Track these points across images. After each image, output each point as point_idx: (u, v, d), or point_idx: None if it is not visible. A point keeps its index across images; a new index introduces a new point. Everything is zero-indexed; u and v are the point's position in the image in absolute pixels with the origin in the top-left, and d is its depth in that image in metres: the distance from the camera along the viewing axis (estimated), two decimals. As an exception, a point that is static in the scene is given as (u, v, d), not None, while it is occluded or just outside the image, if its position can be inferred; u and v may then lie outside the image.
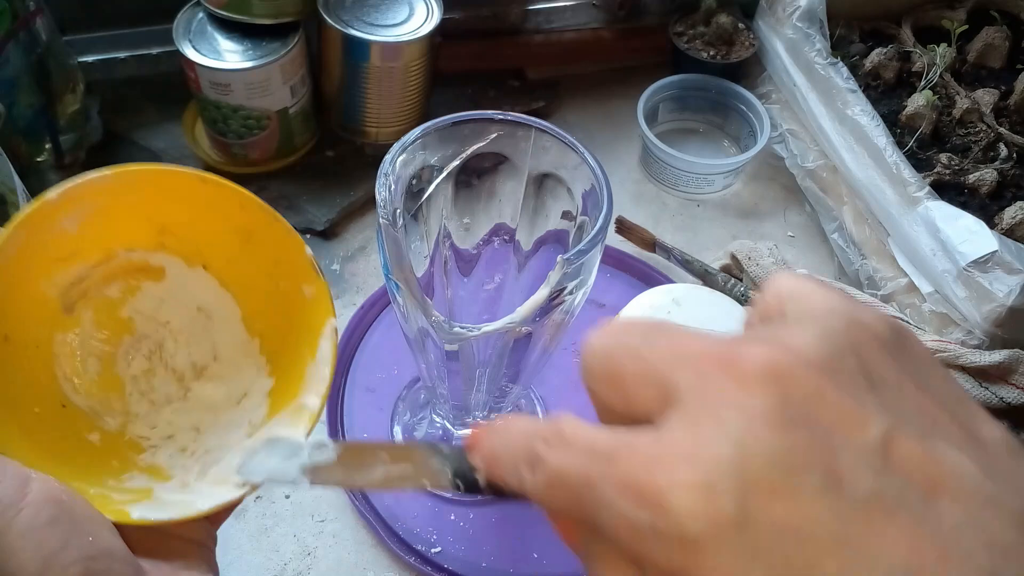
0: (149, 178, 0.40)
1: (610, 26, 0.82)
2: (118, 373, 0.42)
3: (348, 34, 0.64)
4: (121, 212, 0.40)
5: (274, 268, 0.41)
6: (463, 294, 0.50)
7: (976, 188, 0.63)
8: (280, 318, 0.42)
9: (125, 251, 0.41)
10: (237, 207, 0.40)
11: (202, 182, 0.40)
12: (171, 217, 0.41)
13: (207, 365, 0.43)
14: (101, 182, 0.38)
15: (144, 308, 0.43)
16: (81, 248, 0.40)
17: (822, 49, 0.68)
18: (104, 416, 0.40)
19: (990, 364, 0.57)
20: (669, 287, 0.56)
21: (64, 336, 0.40)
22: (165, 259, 0.43)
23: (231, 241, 0.42)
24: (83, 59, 0.70)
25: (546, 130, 0.43)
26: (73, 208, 0.38)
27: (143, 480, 0.38)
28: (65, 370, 0.40)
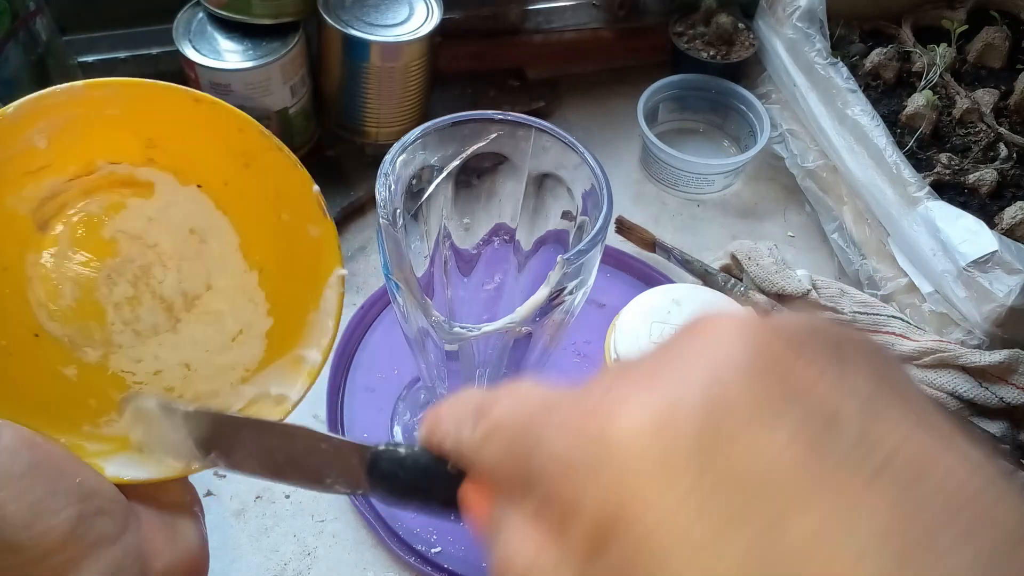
0: (131, 92, 0.34)
1: (610, 26, 0.82)
2: (99, 299, 0.38)
3: (348, 34, 0.64)
4: (100, 124, 0.35)
5: (275, 198, 0.38)
6: (463, 294, 0.50)
7: (976, 188, 0.63)
8: (281, 254, 0.39)
9: (108, 163, 0.37)
10: (235, 130, 0.36)
11: (195, 101, 0.35)
12: (161, 131, 0.37)
13: (199, 295, 0.39)
14: (70, 93, 0.33)
15: (129, 227, 0.38)
16: (55, 161, 0.35)
17: (822, 49, 0.68)
18: (83, 347, 0.36)
19: (990, 364, 0.57)
20: (669, 287, 0.56)
21: (37, 257, 0.36)
22: (154, 174, 0.38)
23: (229, 163, 0.38)
24: (83, 59, 0.70)
25: (546, 130, 0.43)
26: (39, 120, 0.34)
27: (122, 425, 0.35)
28: (39, 295, 0.36)
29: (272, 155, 0.37)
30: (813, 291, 0.61)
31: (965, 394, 0.57)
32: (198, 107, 0.35)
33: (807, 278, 0.62)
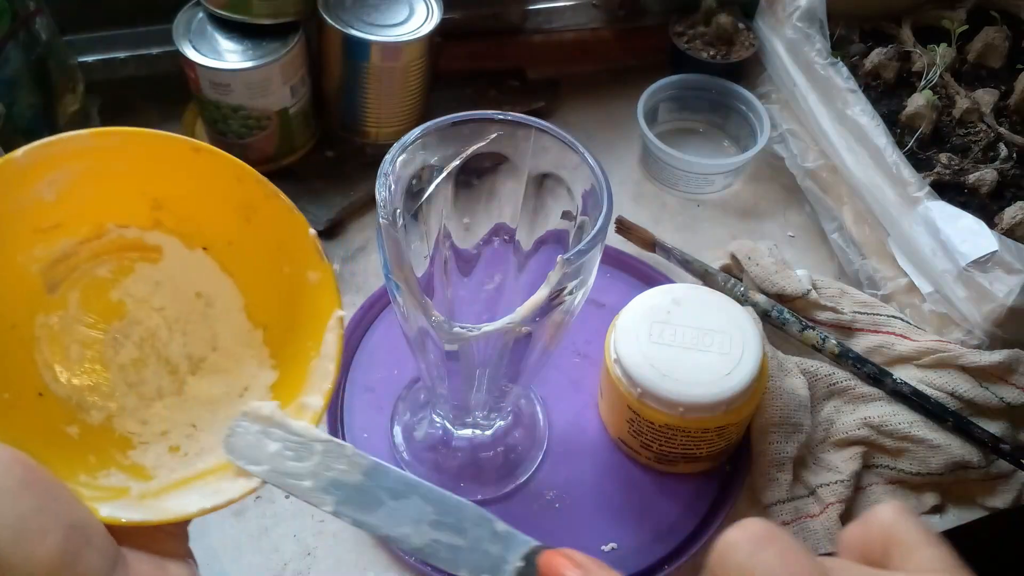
0: (135, 142, 0.36)
1: (610, 26, 0.82)
2: (105, 362, 0.38)
3: (348, 34, 0.64)
4: (108, 181, 0.36)
5: (277, 251, 0.38)
6: (463, 294, 0.50)
7: (976, 188, 0.63)
8: (284, 306, 0.39)
9: (117, 227, 0.38)
10: (234, 180, 0.37)
11: (195, 151, 0.36)
12: (165, 190, 0.37)
13: (205, 356, 0.39)
14: (77, 143, 0.34)
15: (137, 291, 0.39)
16: (65, 220, 0.36)
17: (822, 49, 0.68)
18: (87, 408, 0.37)
19: (990, 364, 0.57)
20: (669, 287, 0.56)
21: (46, 318, 0.37)
22: (162, 239, 0.39)
23: (232, 220, 0.38)
24: (83, 59, 0.70)
25: (546, 130, 0.43)
26: (47, 171, 0.34)
27: (121, 478, 0.35)
28: (45, 355, 0.36)
29: (271, 203, 0.37)
30: (813, 291, 0.61)
31: (965, 394, 0.57)
32: (197, 157, 0.36)
33: (807, 278, 0.62)
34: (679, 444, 0.53)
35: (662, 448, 0.54)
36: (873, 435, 0.56)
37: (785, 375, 0.56)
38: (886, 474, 0.57)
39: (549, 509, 0.55)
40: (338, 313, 0.37)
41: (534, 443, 0.57)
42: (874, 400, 0.58)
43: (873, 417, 0.57)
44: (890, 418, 0.56)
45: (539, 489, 0.55)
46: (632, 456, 0.57)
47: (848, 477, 0.55)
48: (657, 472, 0.56)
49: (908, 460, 0.56)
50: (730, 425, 0.52)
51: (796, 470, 0.56)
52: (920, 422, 0.56)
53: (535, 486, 0.56)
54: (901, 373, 0.59)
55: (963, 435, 0.56)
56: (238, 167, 0.37)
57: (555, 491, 0.55)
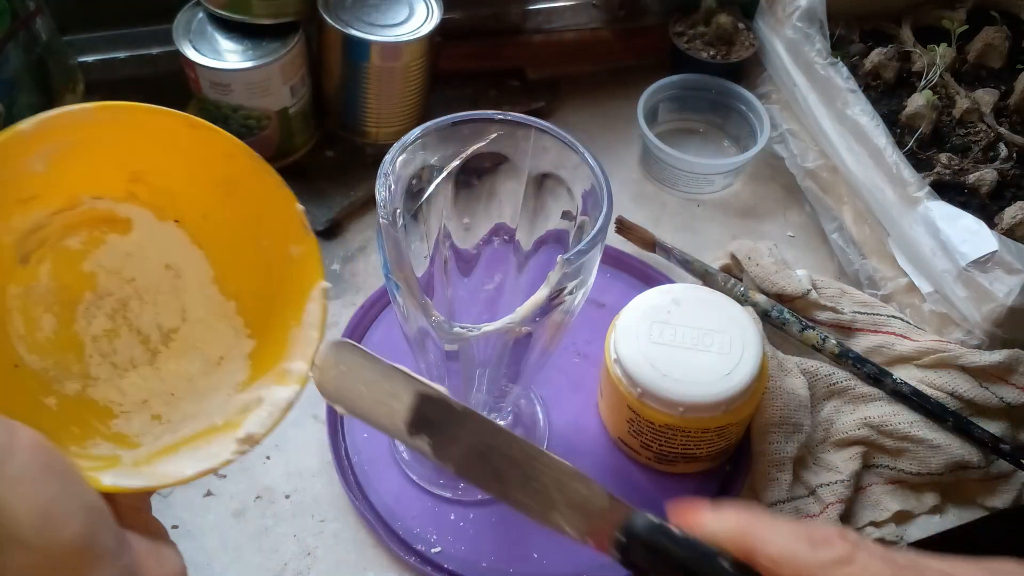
0: (134, 117, 0.36)
1: (610, 26, 0.82)
2: (77, 332, 0.38)
3: (348, 34, 0.64)
4: (95, 153, 0.36)
5: (257, 225, 0.38)
6: (463, 294, 0.50)
7: (976, 188, 0.63)
8: (260, 279, 0.39)
9: (91, 199, 0.38)
10: (223, 156, 0.37)
11: (191, 127, 0.36)
12: (147, 163, 0.38)
13: (176, 327, 0.39)
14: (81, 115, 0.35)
15: (108, 263, 0.39)
16: (44, 191, 0.36)
17: (822, 49, 0.68)
18: (61, 379, 0.37)
19: (990, 364, 0.57)
20: (669, 287, 0.56)
21: (17, 289, 0.37)
22: (133, 211, 0.39)
23: (211, 193, 0.38)
24: (83, 59, 0.70)
25: (546, 130, 0.43)
26: (46, 143, 0.34)
27: (108, 447, 0.35)
28: (18, 327, 0.36)
29: (257, 179, 0.38)
30: (813, 291, 0.61)
31: (965, 394, 0.57)
32: (193, 132, 0.37)
33: (807, 278, 0.62)
34: (679, 444, 0.53)
35: (662, 448, 0.54)
36: (873, 435, 0.56)
37: (785, 375, 0.56)
38: (886, 474, 0.57)
39: (549, 509, 0.55)
40: (322, 284, 0.37)
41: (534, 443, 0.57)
42: (874, 400, 0.58)
43: (873, 417, 0.57)
44: (890, 418, 0.56)
45: (539, 489, 0.55)
46: (632, 456, 0.57)
47: (848, 477, 0.55)
48: (657, 472, 0.56)
49: (908, 460, 0.56)
50: (730, 425, 0.52)
51: (796, 470, 0.56)
52: (920, 422, 0.56)
53: (535, 486, 0.55)
54: (901, 373, 0.59)
55: (963, 435, 0.56)
56: (231, 143, 0.37)
57: (555, 491, 0.55)
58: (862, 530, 0.55)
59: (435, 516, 0.54)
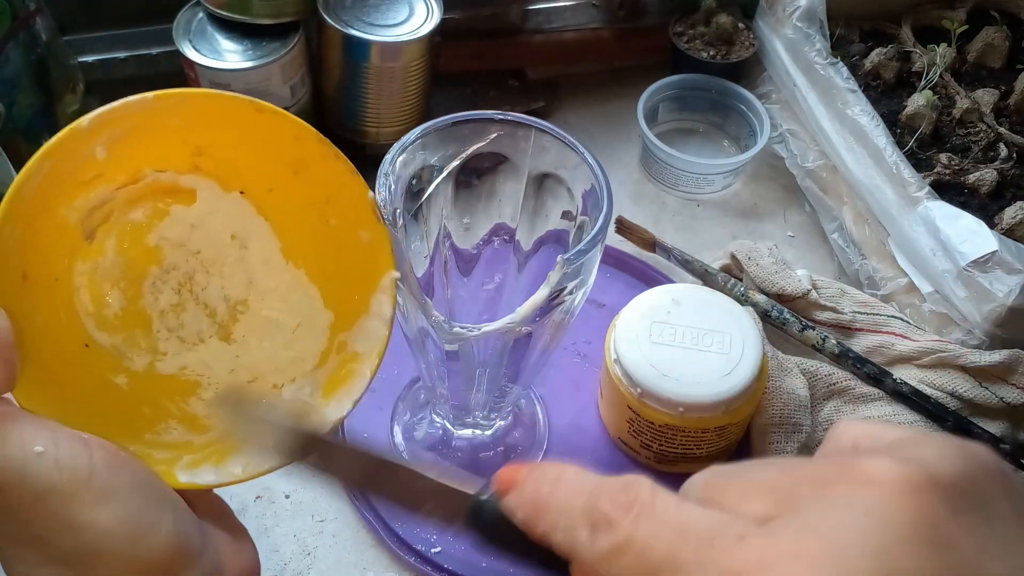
0: (196, 102, 0.35)
1: (610, 26, 0.82)
2: (144, 307, 0.38)
3: (348, 34, 0.64)
4: (157, 135, 0.36)
5: (324, 204, 0.38)
6: (463, 294, 0.50)
7: (976, 188, 0.63)
8: (329, 259, 0.39)
9: (153, 172, 0.37)
10: (292, 138, 0.37)
11: (258, 111, 0.36)
12: (212, 140, 0.37)
13: (244, 298, 0.39)
14: (141, 103, 0.34)
15: (173, 235, 0.39)
16: (106, 170, 0.36)
17: (822, 49, 0.68)
18: (131, 356, 0.37)
19: (990, 364, 0.57)
20: (669, 287, 0.56)
21: (84, 266, 0.36)
22: (198, 181, 0.38)
23: (278, 170, 0.38)
24: (83, 59, 0.70)
25: (546, 130, 0.43)
26: (104, 132, 0.34)
27: (180, 432, 0.35)
28: (86, 304, 0.36)
29: (328, 163, 0.37)
30: (813, 291, 0.61)
31: (965, 394, 0.57)
32: (260, 116, 0.36)
33: (807, 278, 0.62)
34: (679, 444, 0.53)
35: (662, 448, 0.54)
36: (873, 435, 0.56)
37: (785, 375, 0.56)
38: (886, 474, 0.57)
39: (549, 509, 0.55)
40: (392, 274, 0.37)
41: (534, 443, 0.57)
42: (874, 400, 0.58)
43: (873, 417, 0.57)
44: (890, 418, 0.56)
45: (539, 489, 0.55)
46: (632, 456, 0.57)
47: (848, 477, 0.55)
48: (657, 472, 0.56)
49: (908, 460, 0.56)
50: (730, 425, 0.52)
51: (796, 470, 0.56)
52: (920, 422, 0.56)
53: (535, 486, 0.55)
54: (901, 373, 0.59)
55: (963, 435, 0.56)
56: (299, 127, 0.37)
57: (555, 491, 0.55)
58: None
59: (435, 516, 0.54)
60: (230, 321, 0.39)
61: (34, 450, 0.26)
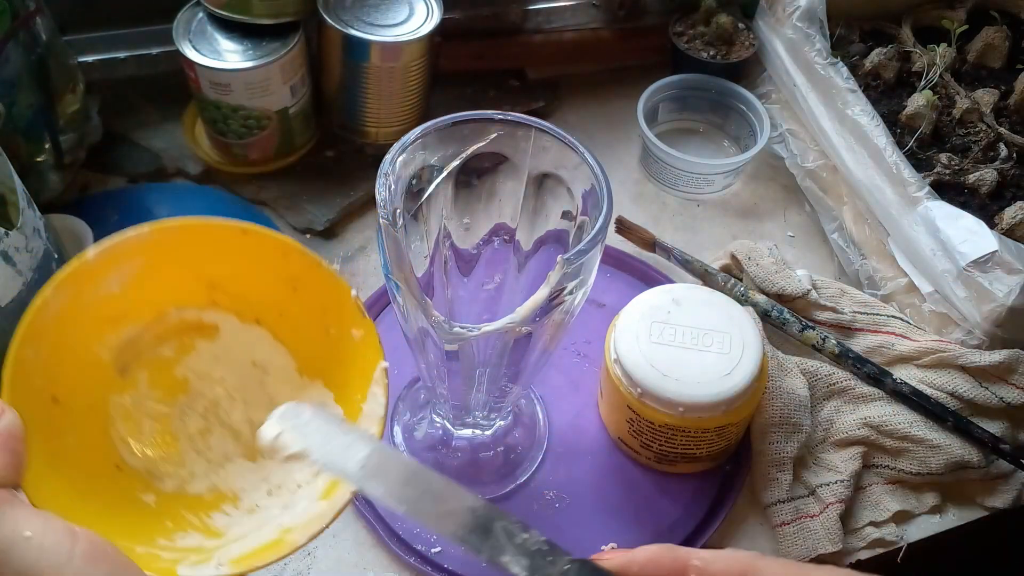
0: (189, 233, 0.40)
1: (610, 26, 0.82)
2: (173, 433, 0.41)
3: (348, 34, 0.64)
4: (166, 269, 0.40)
5: (323, 315, 0.41)
6: (463, 294, 0.50)
7: (976, 188, 0.63)
8: (334, 364, 0.42)
9: (177, 310, 0.42)
10: (280, 256, 0.41)
11: (243, 233, 0.40)
12: (218, 270, 0.41)
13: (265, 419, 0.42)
14: (139, 240, 0.38)
15: (198, 367, 0.43)
16: (130, 309, 0.40)
17: (822, 49, 0.68)
18: (161, 478, 0.40)
19: (990, 364, 0.57)
20: (669, 287, 0.56)
21: (119, 398, 0.40)
22: (218, 316, 0.43)
23: (280, 292, 0.42)
24: (83, 59, 0.70)
25: (546, 130, 0.43)
26: (114, 267, 0.38)
27: (196, 539, 0.37)
28: (120, 432, 0.40)
29: (316, 273, 0.41)
30: (813, 291, 0.61)
31: (965, 394, 0.57)
32: (246, 238, 0.40)
33: (807, 278, 0.62)
34: (679, 444, 0.53)
35: (662, 448, 0.54)
36: (873, 435, 0.56)
37: (785, 375, 0.56)
38: (886, 474, 0.57)
39: (549, 509, 0.55)
40: (382, 365, 0.40)
41: (534, 443, 0.57)
42: (874, 400, 0.58)
43: (873, 417, 0.57)
44: (890, 418, 0.56)
45: (539, 489, 0.55)
46: (632, 456, 0.57)
47: (848, 477, 0.55)
48: (657, 472, 0.56)
49: (908, 460, 0.56)
50: (730, 425, 0.52)
51: (796, 470, 0.56)
52: (920, 422, 0.56)
53: (535, 486, 0.56)
54: (901, 373, 0.59)
55: (963, 435, 0.56)
56: (284, 244, 0.41)
57: (555, 491, 0.55)
58: (862, 530, 0.55)
59: (435, 516, 0.54)
60: (254, 441, 0.41)
61: (23, 534, 0.28)
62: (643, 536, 0.54)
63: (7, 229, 0.49)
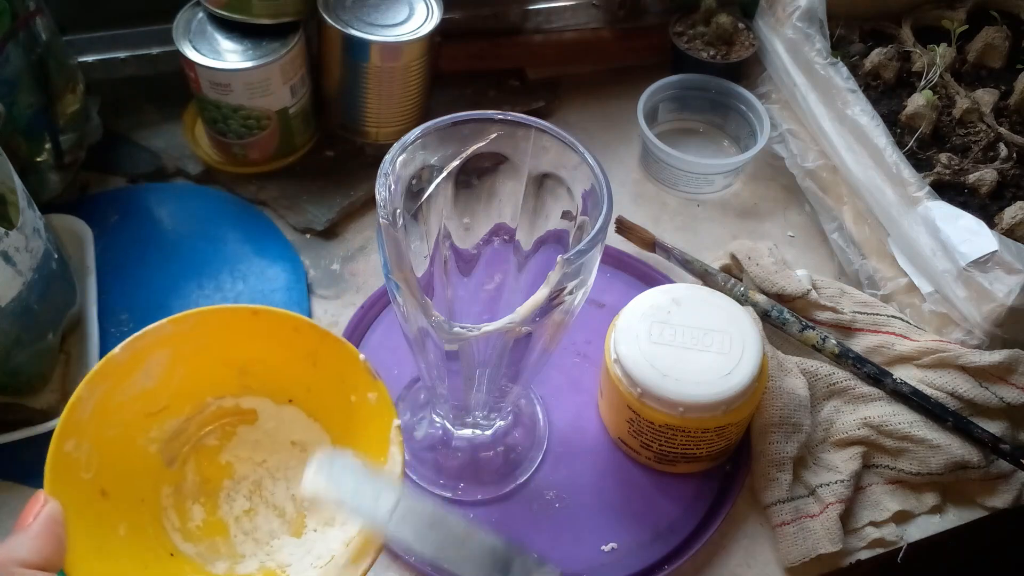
0: (205, 320, 0.43)
1: (610, 26, 0.82)
2: (221, 517, 0.43)
3: (348, 34, 0.64)
4: (194, 360, 0.43)
5: (342, 384, 0.44)
6: (463, 294, 0.50)
7: (976, 188, 0.63)
8: (358, 428, 0.44)
9: (215, 399, 0.45)
10: (294, 331, 0.43)
11: (254, 314, 0.43)
12: (243, 354, 0.44)
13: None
14: (158, 333, 0.42)
15: (241, 452, 0.45)
16: (171, 402, 0.43)
17: (822, 49, 0.68)
18: (212, 560, 0.42)
19: (990, 364, 0.57)
20: (669, 287, 0.56)
21: (169, 488, 0.43)
22: (255, 401, 0.46)
23: (302, 368, 0.45)
24: (83, 59, 0.70)
25: (546, 130, 0.43)
26: (142, 361, 0.41)
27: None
28: (172, 520, 0.42)
29: (327, 343, 0.43)
30: (813, 291, 0.61)
31: (965, 394, 0.57)
32: (256, 319, 0.43)
33: (807, 278, 0.62)
34: (679, 444, 0.53)
35: (662, 448, 0.54)
36: (873, 435, 0.56)
37: (785, 375, 0.56)
38: (886, 474, 0.57)
39: (549, 509, 0.55)
40: (395, 423, 0.42)
41: (534, 443, 0.57)
42: (874, 400, 0.58)
43: (873, 417, 0.57)
44: (890, 418, 0.56)
45: (539, 489, 0.55)
46: (632, 456, 0.57)
47: (848, 477, 0.55)
48: (657, 472, 0.56)
49: (908, 460, 0.56)
50: (730, 425, 0.52)
51: (796, 470, 0.56)
52: (920, 422, 0.56)
53: (535, 486, 0.56)
54: (901, 373, 0.59)
55: (963, 435, 0.56)
56: (294, 319, 0.43)
57: (555, 491, 0.55)
58: (862, 530, 0.55)
59: (435, 516, 0.54)
60: (298, 517, 0.44)
61: None
62: (643, 536, 0.54)
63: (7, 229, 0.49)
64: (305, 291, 0.64)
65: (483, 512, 0.54)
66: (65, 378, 0.57)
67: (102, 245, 0.62)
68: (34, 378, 0.55)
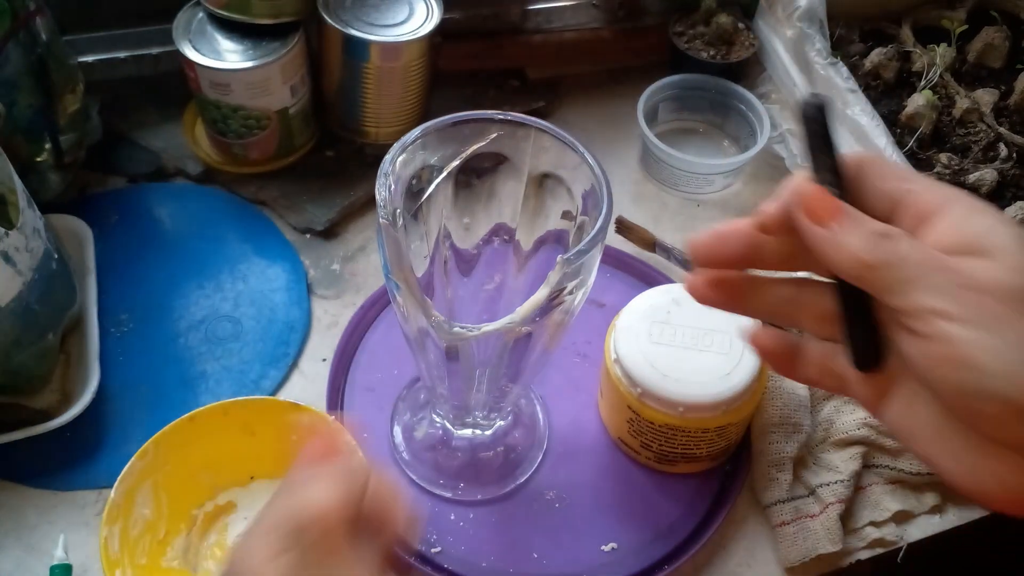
0: (167, 440, 0.49)
1: (610, 26, 0.82)
2: None
3: (348, 34, 0.64)
4: (169, 482, 0.49)
5: (278, 434, 0.49)
6: (463, 294, 0.50)
7: (976, 188, 0.63)
8: None
9: (198, 508, 0.51)
10: (222, 415, 0.50)
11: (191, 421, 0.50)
12: (199, 459, 0.50)
13: None
14: (144, 459, 0.48)
15: (240, 530, 0.51)
16: (169, 527, 0.50)
17: (822, 49, 0.68)
18: None
19: (990, 364, 0.57)
20: (669, 287, 0.56)
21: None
22: (227, 494, 0.52)
23: (246, 443, 0.50)
24: (83, 59, 0.70)
25: (546, 130, 0.43)
26: (135, 495, 0.48)
27: None
28: None
29: (249, 409, 0.50)
30: (813, 291, 0.61)
31: (965, 394, 0.57)
32: (194, 424, 0.50)
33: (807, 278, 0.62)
34: (679, 444, 0.53)
35: (662, 448, 0.54)
36: (873, 435, 0.56)
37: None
38: (886, 474, 0.57)
39: (549, 509, 0.55)
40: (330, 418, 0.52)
41: (534, 443, 0.57)
42: (874, 400, 0.58)
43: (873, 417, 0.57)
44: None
45: (539, 489, 0.55)
46: (632, 456, 0.57)
47: (848, 477, 0.55)
48: (657, 472, 0.56)
49: (908, 460, 0.56)
50: (730, 425, 0.52)
51: (796, 470, 0.56)
52: (920, 422, 0.56)
53: (535, 486, 0.56)
54: (901, 373, 0.59)
55: (963, 435, 0.56)
56: (219, 407, 0.50)
57: (555, 491, 0.55)
58: (862, 530, 0.55)
59: (435, 516, 0.54)
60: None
61: None
62: (643, 536, 0.54)
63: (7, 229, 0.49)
64: (305, 291, 0.64)
65: (483, 512, 0.54)
66: (65, 378, 0.57)
67: (102, 245, 0.62)
68: (34, 378, 0.55)
